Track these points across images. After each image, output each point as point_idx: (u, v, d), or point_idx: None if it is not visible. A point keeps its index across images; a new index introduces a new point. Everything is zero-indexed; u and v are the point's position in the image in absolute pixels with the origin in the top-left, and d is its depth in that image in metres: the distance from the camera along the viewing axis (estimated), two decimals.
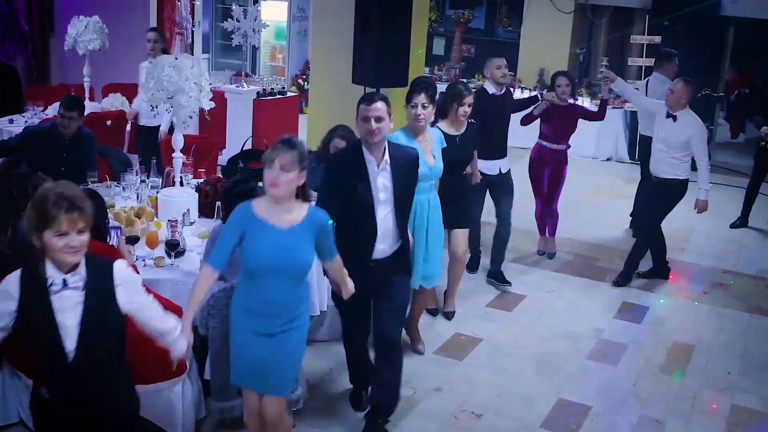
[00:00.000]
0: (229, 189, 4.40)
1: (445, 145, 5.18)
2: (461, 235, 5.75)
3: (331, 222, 3.81)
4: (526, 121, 7.08)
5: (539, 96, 7.09)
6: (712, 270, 7.55)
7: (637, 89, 7.78)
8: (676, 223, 8.31)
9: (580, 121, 7.08)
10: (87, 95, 8.62)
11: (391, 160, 4.21)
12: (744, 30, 12.28)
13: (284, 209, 3.58)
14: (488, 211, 6.73)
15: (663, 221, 6.92)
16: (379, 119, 4.09)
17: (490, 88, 6.54)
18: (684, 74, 9.80)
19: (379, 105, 4.11)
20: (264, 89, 10.15)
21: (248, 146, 6.38)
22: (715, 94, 8.36)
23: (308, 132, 8.42)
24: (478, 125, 5.73)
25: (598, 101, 7.55)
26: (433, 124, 5.36)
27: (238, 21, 9.87)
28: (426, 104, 4.85)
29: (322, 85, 8.29)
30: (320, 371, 5.14)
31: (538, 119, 7.02)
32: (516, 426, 4.75)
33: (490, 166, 6.46)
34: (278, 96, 10.24)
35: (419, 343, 5.55)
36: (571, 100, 7.16)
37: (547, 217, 7.39)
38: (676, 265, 7.61)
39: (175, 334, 3.30)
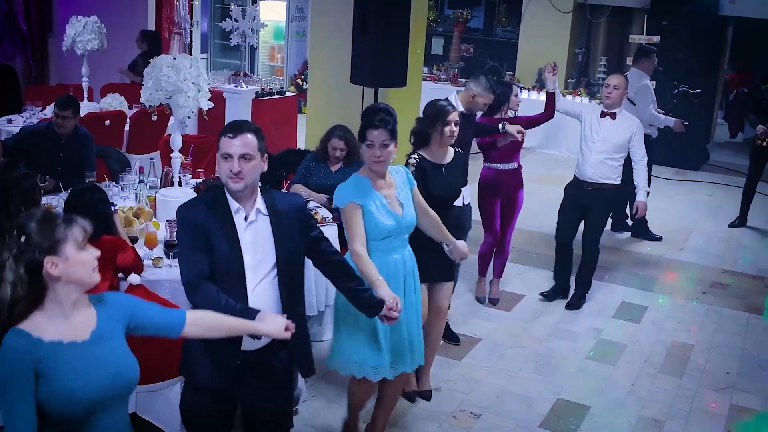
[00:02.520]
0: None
1: (415, 184, 4.13)
2: (447, 289, 4.80)
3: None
4: (483, 148, 6.14)
5: (500, 127, 5.75)
6: (711, 270, 7.54)
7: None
8: (675, 223, 8.33)
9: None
10: (85, 95, 8.62)
11: (269, 209, 3.14)
12: (743, 29, 12.30)
13: (75, 310, 2.46)
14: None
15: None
16: (246, 158, 3.02)
17: (459, 105, 5.54)
18: (682, 74, 9.86)
19: (249, 138, 3.03)
20: (263, 89, 10.14)
21: None
22: (692, 90, 8.28)
23: (307, 132, 8.42)
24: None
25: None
26: (412, 153, 4.61)
27: (236, 21, 9.86)
28: (386, 142, 3.79)
29: (321, 85, 8.28)
30: (319, 370, 5.12)
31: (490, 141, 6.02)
32: (515, 426, 4.75)
33: None
34: (277, 96, 10.23)
35: None
36: (511, 113, 6.17)
37: (497, 254, 6.41)
38: (675, 264, 7.62)
39: None
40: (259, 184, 3.17)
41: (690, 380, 5.43)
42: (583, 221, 6.41)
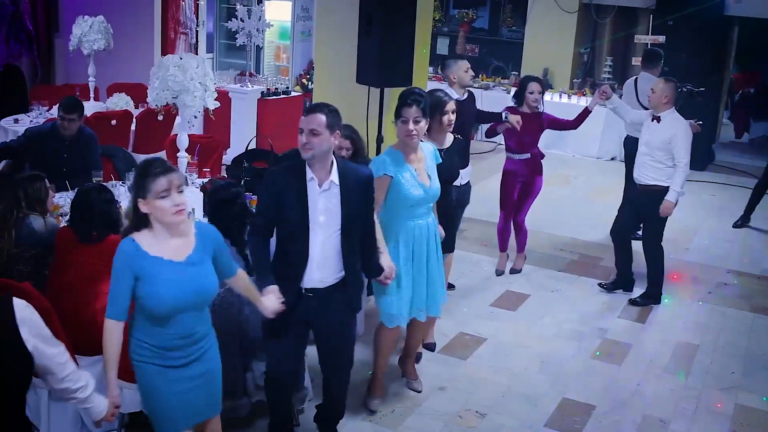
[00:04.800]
0: (212, 194, 4.41)
1: (440, 160, 4.69)
2: (447, 261, 5.39)
3: None
4: (490, 134, 6.63)
5: (504, 115, 6.33)
6: (717, 270, 7.54)
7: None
8: (680, 223, 8.32)
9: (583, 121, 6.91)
10: (92, 95, 8.66)
11: (340, 180, 3.83)
12: (748, 29, 12.28)
13: (174, 237, 3.25)
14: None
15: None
16: (314, 133, 3.69)
17: (454, 93, 5.97)
18: (688, 74, 9.85)
19: (319, 117, 3.71)
20: (268, 89, 10.17)
21: (252, 146, 6.39)
22: (696, 89, 8.26)
23: None
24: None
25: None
26: None
27: (242, 21, 9.90)
28: (418, 118, 4.32)
29: (326, 84, 8.29)
30: None
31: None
32: (520, 425, 4.76)
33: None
34: (282, 96, 10.25)
35: (415, 380, 5.07)
36: (540, 108, 6.57)
37: (515, 232, 6.95)
38: (680, 264, 7.61)
39: (87, 392, 2.98)
40: (334, 157, 3.82)
41: (695, 380, 5.44)
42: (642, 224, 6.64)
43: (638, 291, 6.73)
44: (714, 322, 6.38)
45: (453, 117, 4.98)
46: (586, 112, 6.69)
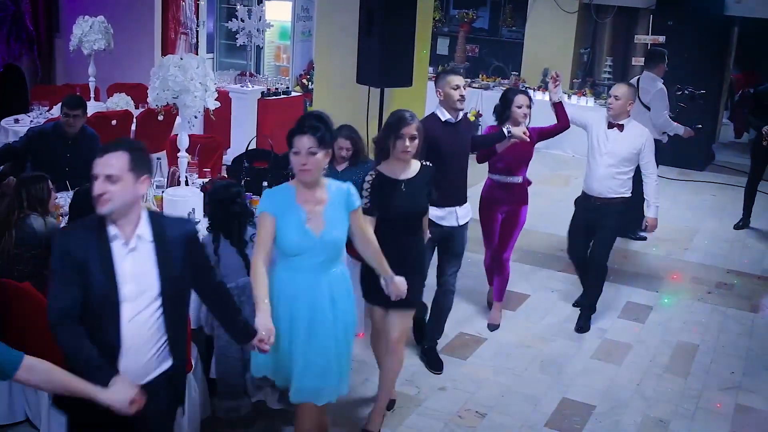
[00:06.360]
0: (212, 194, 4.43)
1: (356, 206, 3.70)
2: (404, 318, 4.37)
3: None
4: (482, 158, 5.64)
5: (506, 132, 5.31)
6: (716, 270, 7.54)
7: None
8: (680, 223, 8.34)
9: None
10: (92, 95, 8.66)
11: (154, 234, 2.92)
12: (748, 30, 12.29)
13: None
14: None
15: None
16: (110, 179, 2.81)
17: (443, 114, 5.00)
18: (688, 74, 9.86)
19: (118, 158, 2.83)
20: (268, 89, 10.17)
21: (253, 146, 6.39)
22: (697, 91, 8.25)
23: None
24: (433, 165, 4.40)
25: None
26: (375, 166, 4.30)
27: (242, 21, 9.90)
28: (314, 149, 3.44)
29: (327, 85, 8.31)
30: None
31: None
32: (520, 425, 4.77)
33: (443, 215, 4.99)
34: (282, 96, 10.25)
35: None
36: (526, 121, 5.64)
37: (497, 271, 6.02)
38: (680, 264, 7.62)
39: None
40: (147, 208, 3.02)
41: (695, 380, 5.44)
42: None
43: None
44: (714, 322, 6.38)
45: (409, 144, 4.14)
46: (559, 107, 5.81)
